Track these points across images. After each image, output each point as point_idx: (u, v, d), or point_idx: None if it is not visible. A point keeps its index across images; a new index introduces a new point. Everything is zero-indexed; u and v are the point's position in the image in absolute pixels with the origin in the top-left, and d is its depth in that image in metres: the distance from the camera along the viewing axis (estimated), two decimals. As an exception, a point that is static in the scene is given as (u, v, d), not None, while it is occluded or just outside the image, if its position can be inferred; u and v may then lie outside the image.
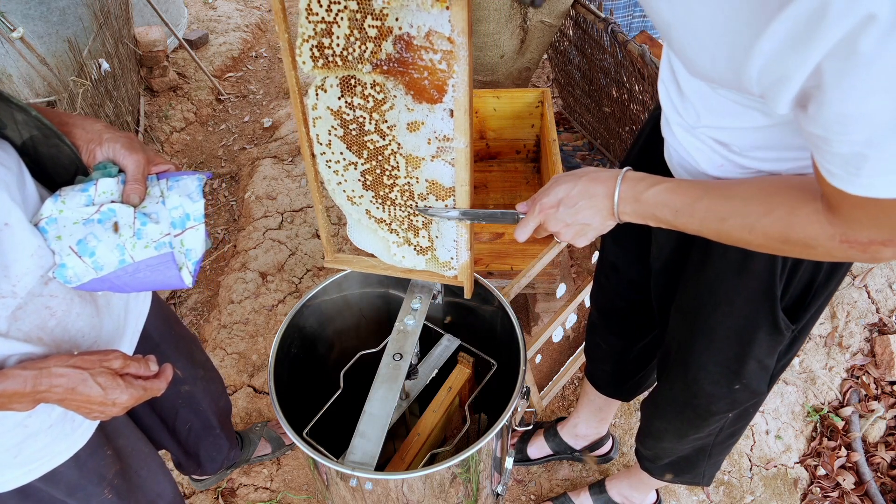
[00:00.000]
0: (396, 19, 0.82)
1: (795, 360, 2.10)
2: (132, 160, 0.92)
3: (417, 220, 1.06)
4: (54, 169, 0.92)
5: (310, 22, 0.84)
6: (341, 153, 1.01)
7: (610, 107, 2.45)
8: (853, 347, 2.14)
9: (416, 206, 1.05)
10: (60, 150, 0.90)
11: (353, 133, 0.97)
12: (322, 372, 1.47)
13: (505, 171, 2.37)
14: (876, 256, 0.70)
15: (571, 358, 2.01)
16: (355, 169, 1.02)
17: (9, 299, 0.82)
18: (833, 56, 0.53)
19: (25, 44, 2.29)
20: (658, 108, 1.01)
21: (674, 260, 1.09)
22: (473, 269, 1.13)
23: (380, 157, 0.99)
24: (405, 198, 1.03)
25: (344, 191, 1.06)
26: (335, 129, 0.98)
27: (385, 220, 1.08)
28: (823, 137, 0.60)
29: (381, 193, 1.04)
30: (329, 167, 1.03)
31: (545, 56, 2.71)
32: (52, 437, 0.95)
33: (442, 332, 1.39)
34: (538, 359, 1.83)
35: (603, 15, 2.19)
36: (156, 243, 0.89)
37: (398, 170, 0.99)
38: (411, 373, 1.28)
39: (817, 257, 0.76)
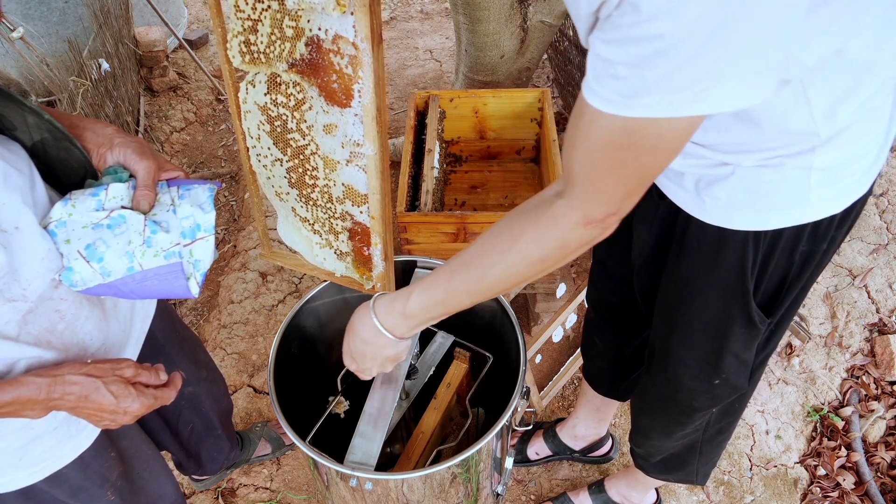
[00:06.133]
0: (308, 21, 0.84)
1: (795, 360, 2.10)
2: (143, 166, 0.91)
3: (337, 224, 1.06)
4: (63, 171, 0.92)
5: (238, 18, 0.87)
6: (269, 148, 1.02)
7: (610, 107, 2.45)
8: (853, 347, 2.14)
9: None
10: (70, 154, 0.90)
11: (279, 130, 0.99)
12: (322, 372, 1.47)
13: (505, 171, 2.37)
14: (609, 230, 0.76)
15: (571, 358, 2.01)
16: (281, 165, 1.03)
17: (20, 303, 0.82)
18: None
19: (25, 44, 2.29)
20: None
21: (654, 255, 1.09)
22: (393, 282, 1.12)
23: (301, 157, 1.00)
24: (325, 200, 1.04)
25: (272, 186, 1.08)
26: (263, 124, 0.99)
27: (308, 220, 1.09)
28: (608, 59, 0.60)
29: (304, 193, 1.05)
30: (259, 161, 1.05)
31: (545, 56, 2.71)
32: (57, 439, 0.95)
33: (435, 329, 1.39)
34: (538, 359, 1.84)
35: (603, 15, 2.18)
36: (165, 252, 0.88)
37: (317, 171, 1.00)
38: (411, 372, 1.28)
39: (573, 254, 0.79)
